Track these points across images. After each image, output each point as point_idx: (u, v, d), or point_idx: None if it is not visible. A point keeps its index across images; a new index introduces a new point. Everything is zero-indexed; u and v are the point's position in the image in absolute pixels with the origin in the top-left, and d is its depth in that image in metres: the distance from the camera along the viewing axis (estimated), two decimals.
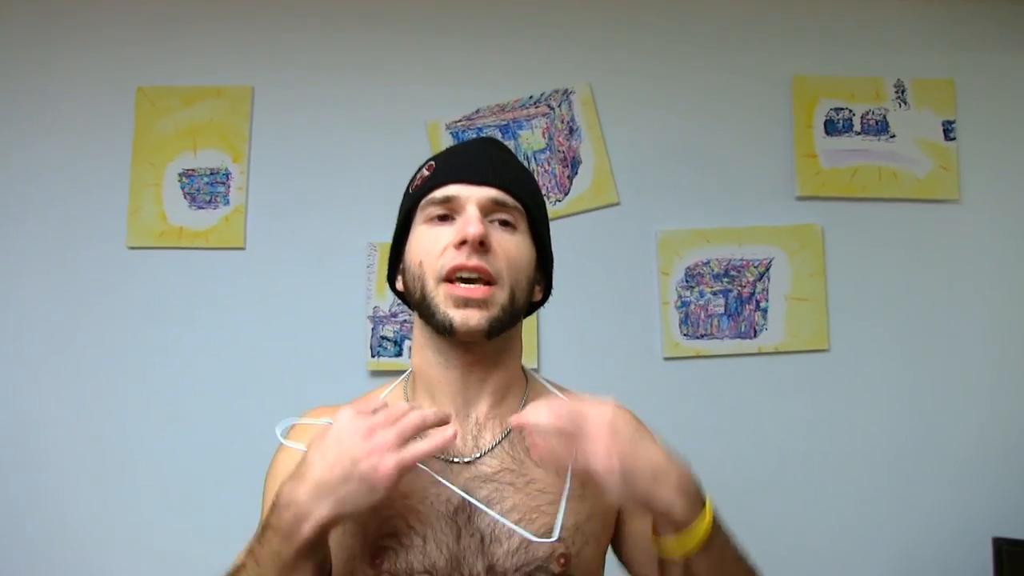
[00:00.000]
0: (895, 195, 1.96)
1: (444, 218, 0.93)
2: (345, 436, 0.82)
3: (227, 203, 1.96)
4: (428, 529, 0.88)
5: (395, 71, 1.99)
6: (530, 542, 0.88)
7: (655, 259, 1.94)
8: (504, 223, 0.94)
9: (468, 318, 0.89)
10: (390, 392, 1.01)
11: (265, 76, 2.00)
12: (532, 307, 1.02)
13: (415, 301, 0.94)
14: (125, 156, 1.97)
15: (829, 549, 1.88)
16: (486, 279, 0.91)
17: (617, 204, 1.96)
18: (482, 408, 0.95)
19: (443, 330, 0.90)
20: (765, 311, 1.93)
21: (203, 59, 2.00)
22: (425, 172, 0.98)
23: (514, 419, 0.85)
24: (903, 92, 1.98)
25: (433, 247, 0.92)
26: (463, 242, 0.90)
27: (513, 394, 0.98)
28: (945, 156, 1.97)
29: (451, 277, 0.90)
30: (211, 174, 1.97)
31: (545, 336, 1.91)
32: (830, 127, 1.97)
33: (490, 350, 0.94)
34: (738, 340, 1.92)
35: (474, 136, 1.96)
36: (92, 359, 1.91)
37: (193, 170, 1.97)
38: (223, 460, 1.86)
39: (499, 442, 0.94)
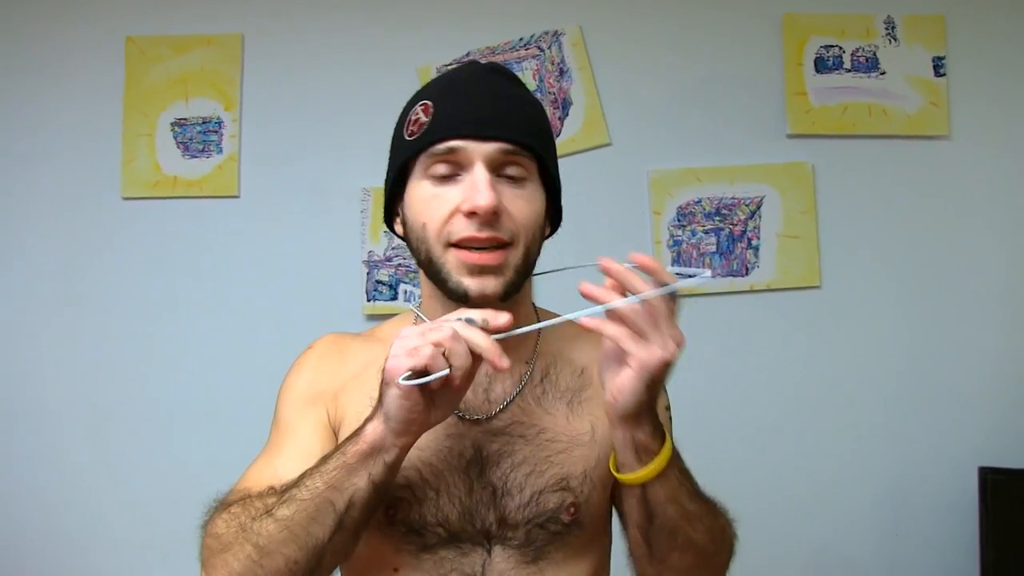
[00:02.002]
0: (885, 132, 1.96)
1: (446, 174, 0.86)
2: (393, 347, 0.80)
3: (220, 151, 1.96)
4: (441, 483, 0.89)
5: (385, 15, 1.99)
6: (541, 494, 0.89)
7: (647, 199, 1.95)
8: (514, 177, 0.87)
9: (484, 286, 0.85)
10: (398, 328, 0.93)
11: (255, 23, 1.99)
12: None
13: (420, 261, 0.90)
14: (117, 107, 1.97)
15: (819, 481, 1.92)
16: (500, 244, 0.86)
17: (608, 144, 1.96)
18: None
19: (457, 298, 0.86)
20: (757, 249, 1.94)
21: (192, 7, 1.99)
22: (422, 116, 0.88)
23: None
24: (893, 28, 1.98)
25: (438, 210, 0.86)
26: (473, 212, 0.84)
27: (528, 337, 0.95)
28: (935, 92, 1.97)
29: (461, 244, 0.85)
30: (203, 123, 1.97)
31: (537, 277, 1.92)
32: (820, 65, 1.97)
33: (501, 303, 0.90)
34: (730, 278, 1.94)
35: None
36: (91, 309, 1.93)
37: (185, 119, 1.97)
38: (221, 407, 1.89)
39: (512, 399, 0.92)
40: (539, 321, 0.88)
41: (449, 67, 1.97)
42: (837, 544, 1.91)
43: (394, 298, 1.92)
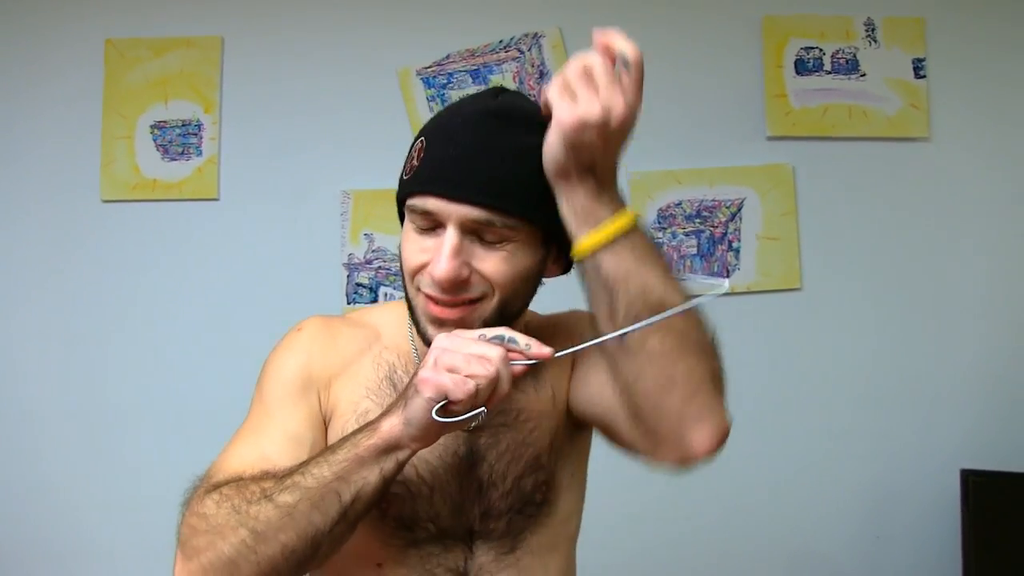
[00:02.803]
0: (865, 134, 1.97)
1: (426, 228, 0.83)
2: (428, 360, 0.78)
3: (200, 154, 1.96)
4: (437, 480, 0.89)
5: (365, 18, 1.99)
6: (520, 480, 0.90)
7: (627, 201, 1.94)
8: (491, 240, 0.82)
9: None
10: (390, 319, 0.96)
11: (235, 25, 1.99)
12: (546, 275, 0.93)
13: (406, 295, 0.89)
14: (96, 109, 1.96)
15: (800, 483, 1.92)
16: (468, 301, 0.83)
17: None
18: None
19: (426, 341, 0.85)
20: (737, 251, 1.94)
21: (172, 9, 1.99)
22: (415, 157, 0.85)
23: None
24: (873, 30, 1.98)
25: (414, 258, 0.84)
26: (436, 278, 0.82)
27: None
28: (915, 94, 1.97)
29: (427, 298, 0.84)
30: (183, 125, 1.97)
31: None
32: (800, 66, 1.97)
33: None
34: (710, 280, 1.93)
35: (444, 82, 1.96)
36: (70, 312, 1.93)
37: (165, 121, 1.96)
38: (201, 409, 1.88)
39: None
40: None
41: (429, 69, 1.97)
42: (818, 546, 1.91)
43: (374, 300, 1.91)
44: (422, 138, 0.86)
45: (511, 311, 0.86)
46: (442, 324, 0.83)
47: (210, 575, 0.78)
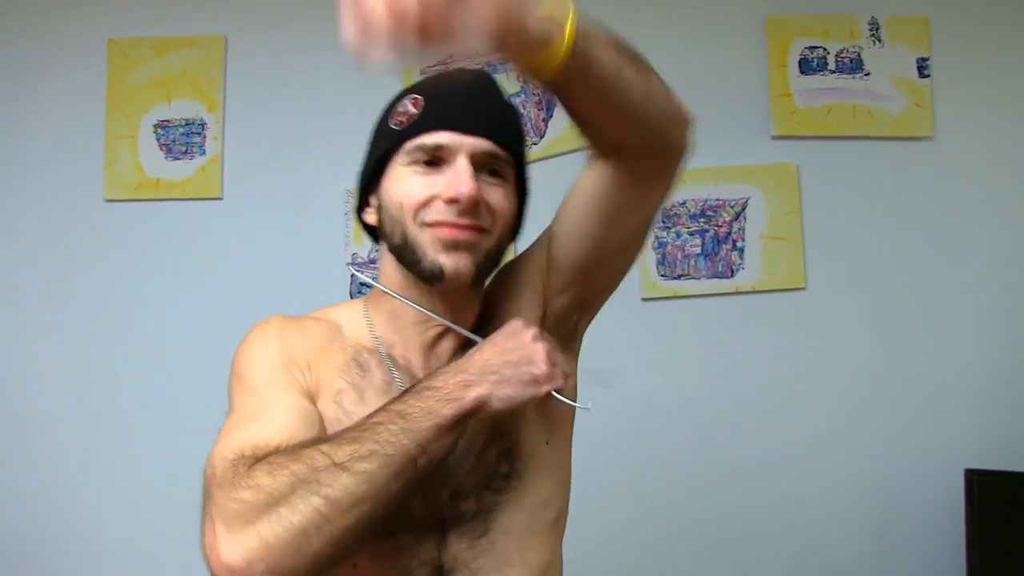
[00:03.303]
0: (870, 133, 1.96)
1: (430, 163, 0.89)
2: (528, 338, 0.84)
3: (203, 153, 1.96)
4: None
5: None
6: (483, 452, 0.90)
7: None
8: (493, 172, 0.90)
9: (458, 264, 0.87)
10: (346, 315, 0.98)
11: (238, 25, 1.99)
12: None
13: (393, 244, 0.91)
14: (99, 109, 1.96)
15: (805, 483, 1.92)
16: (477, 228, 0.88)
17: None
18: (444, 346, 0.95)
19: (430, 276, 0.88)
20: (742, 250, 1.94)
21: (174, 9, 1.99)
22: (411, 108, 0.91)
23: None
24: (877, 30, 1.98)
25: (418, 193, 0.88)
26: (453, 200, 0.86)
27: (468, 315, 0.97)
28: (919, 93, 1.97)
29: (435, 225, 0.88)
30: (186, 124, 1.96)
31: None
32: (804, 66, 1.97)
33: (464, 297, 0.94)
34: (715, 280, 1.93)
35: None
36: (73, 312, 1.92)
37: (168, 121, 1.96)
38: (205, 408, 1.86)
39: (451, 359, 0.93)
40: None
41: (432, 67, 1.97)
42: (822, 546, 1.91)
43: None
44: (416, 95, 0.92)
45: (501, 253, 0.93)
46: (456, 247, 0.87)
47: (274, 549, 0.70)
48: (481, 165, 0.89)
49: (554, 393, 0.84)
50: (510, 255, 0.99)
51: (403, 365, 0.94)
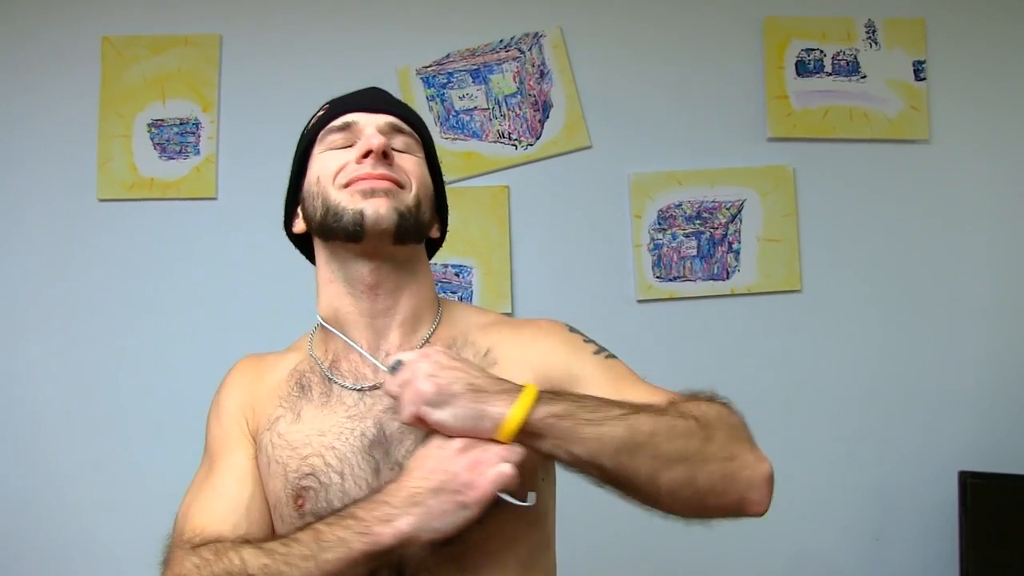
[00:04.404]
0: (866, 135, 1.96)
1: (343, 146, 0.96)
2: (447, 452, 0.80)
3: (198, 153, 1.94)
4: (345, 466, 0.89)
5: (364, 17, 1.98)
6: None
7: (627, 202, 1.94)
8: (402, 147, 0.98)
9: (378, 207, 0.90)
10: (303, 340, 1.03)
11: (233, 23, 1.97)
12: (430, 246, 1.04)
13: (317, 222, 0.94)
14: (93, 107, 1.94)
15: (799, 485, 1.90)
16: (392, 180, 0.93)
17: (589, 147, 1.95)
18: (393, 339, 0.95)
19: (354, 227, 0.90)
20: (738, 253, 1.94)
21: (169, 7, 1.97)
22: (319, 113, 1.01)
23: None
24: (874, 32, 1.98)
25: (333, 164, 0.94)
26: (366, 154, 0.92)
27: (424, 323, 0.97)
28: (916, 96, 1.97)
29: (353, 183, 0.93)
30: (181, 124, 1.95)
31: (519, 281, 1.92)
32: (801, 68, 1.97)
33: (395, 270, 0.94)
34: (711, 282, 1.93)
35: (444, 82, 1.95)
36: (66, 312, 1.91)
37: (162, 120, 1.95)
38: (199, 410, 1.86)
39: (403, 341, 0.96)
40: (440, 308, 0.99)
41: (429, 68, 1.96)
42: (816, 548, 1.91)
43: None
44: (324, 105, 1.02)
45: (422, 218, 0.95)
46: (373, 193, 0.91)
47: None
48: (389, 136, 0.96)
49: (502, 496, 0.79)
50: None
51: (349, 370, 0.95)
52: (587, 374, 0.93)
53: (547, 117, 1.95)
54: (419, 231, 0.95)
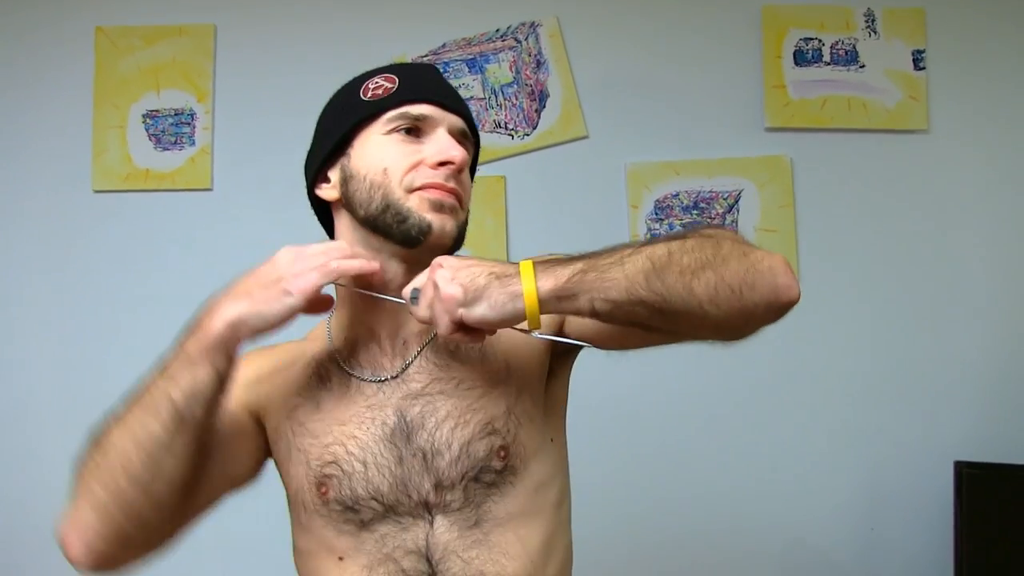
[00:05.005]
0: (864, 126, 1.95)
1: (410, 132, 0.92)
2: (277, 258, 0.87)
3: (193, 144, 1.94)
4: (367, 454, 0.89)
5: (360, 5, 1.96)
6: (469, 445, 0.88)
7: (624, 192, 1.94)
8: (468, 160, 0.96)
9: (445, 223, 0.90)
10: (318, 332, 1.01)
11: (228, 13, 1.96)
12: None
13: (370, 212, 0.91)
14: (87, 98, 1.94)
15: (794, 475, 1.92)
16: (456, 198, 0.93)
17: (586, 137, 1.95)
18: (412, 327, 0.94)
19: (417, 233, 0.89)
20: None
21: None
22: (385, 83, 0.94)
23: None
24: (873, 21, 1.97)
25: (403, 159, 0.91)
26: (443, 163, 0.90)
27: None
28: (915, 86, 1.96)
29: (424, 188, 0.90)
30: (176, 114, 1.94)
31: None
32: (799, 57, 1.96)
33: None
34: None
35: (441, 71, 1.94)
36: (62, 304, 1.91)
37: (157, 111, 1.94)
38: None
39: (421, 350, 0.94)
40: None
41: (425, 58, 1.95)
42: (812, 538, 1.92)
43: None
44: (388, 73, 0.96)
45: (464, 234, 0.95)
46: (443, 208, 0.90)
47: (74, 507, 0.84)
48: (460, 143, 0.94)
49: (537, 334, 0.83)
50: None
51: (367, 359, 0.95)
52: None
53: (544, 107, 1.94)
54: (461, 244, 0.96)
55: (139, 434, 0.82)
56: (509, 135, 1.94)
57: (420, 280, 0.83)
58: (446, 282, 0.79)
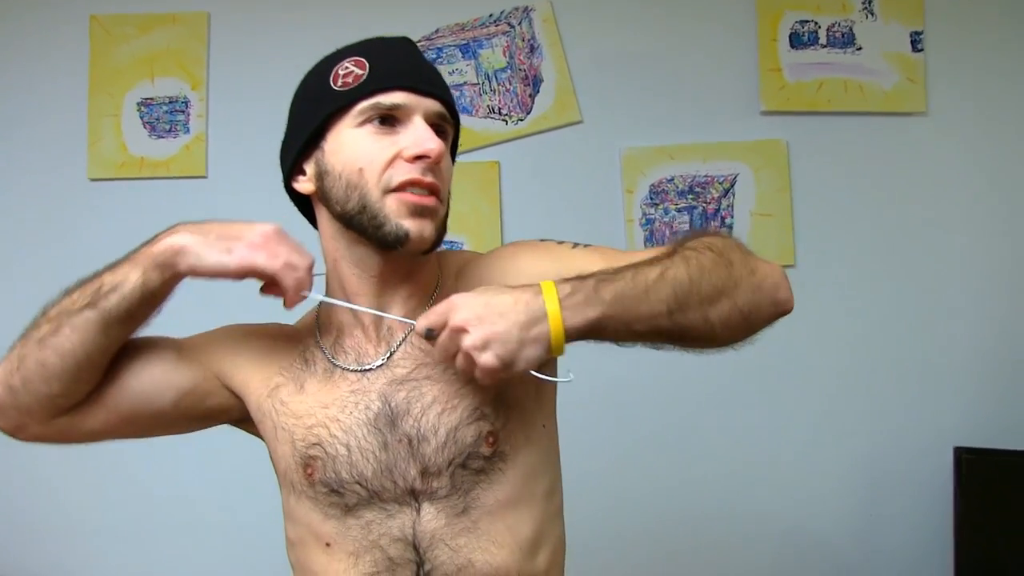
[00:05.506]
0: (861, 108, 1.94)
1: (384, 122, 0.88)
2: (260, 226, 0.87)
3: (187, 131, 1.94)
4: (351, 438, 0.88)
5: None
6: (456, 431, 0.87)
7: (619, 177, 1.93)
8: (439, 136, 0.90)
9: (423, 228, 0.87)
10: (307, 316, 1.01)
11: (221, 1, 1.96)
12: None
13: (345, 210, 0.88)
14: (82, 86, 1.94)
15: (794, 462, 1.91)
16: (436, 192, 0.88)
17: (580, 122, 1.94)
18: (396, 312, 0.93)
19: (394, 241, 0.86)
20: (730, 227, 1.92)
21: None
22: (355, 69, 0.89)
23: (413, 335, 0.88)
24: (870, 3, 1.95)
25: (378, 156, 0.87)
26: (419, 157, 0.86)
27: (425, 292, 0.95)
28: (912, 68, 1.94)
29: (402, 189, 0.86)
30: (170, 102, 1.95)
31: None
32: (795, 40, 1.94)
33: (407, 263, 0.92)
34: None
35: (434, 57, 1.93)
36: (56, 290, 1.91)
37: (152, 99, 1.94)
38: None
39: (406, 336, 0.92)
40: (439, 275, 0.96)
41: (418, 43, 1.94)
42: (811, 524, 1.90)
43: None
44: (357, 57, 0.91)
45: (446, 223, 0.92)
46: (422, 214, 0.87)
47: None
48: (432, 127, 0.89)
49: (532, 372, 0.81)
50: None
51: (352, 346, 0.94)
52: (583, 266, 0.90)
53: (537, 92, 1.93)
54: (443, 237, 0.93)
55: (65, 304, 0.87)
56: (503, 120, 1.93)
57: (435, 318, 0.81)
58: (477, 350, 0.78)
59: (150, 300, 0.87)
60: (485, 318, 0.78)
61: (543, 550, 0.92)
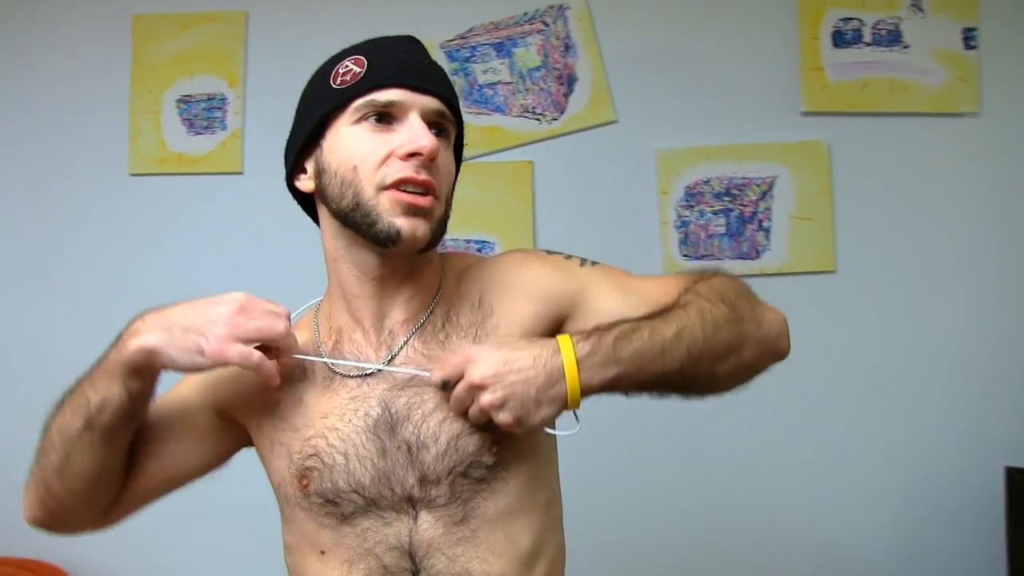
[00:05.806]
0: (908, 109, 1.87)
1: (379, 120, 0.87)
2: (223, 301, 0.84)
3: (224, 128, 1.97)
4: (348, 446, 0.87)
5: None
6: (458, 439, 0.85)
7: (654, 178, 1.89)
8: (439, 134, 0.89)
9: (416, 228, 0.85)
10: (306, 322, 0.99)
11: (259, 0, 1.98)
12: None
13: (340, 208, 0.87)
14: (124, 83, 1.98)
15: (835, 479, 1.84)
16: (431, 191, 0.87)
17: (615, 122, 1.91)
18: (396, 316, 0.92)
19: (385, 239, 0.85)
20: (768, 231, 1.87)
21: None
22: (353, 67, 0.90)
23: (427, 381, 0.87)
24: None
25: (372, 154, 0.86)
26: (412, 154, 0.85)
27: (427, 294, 0.94)
28: (964, 66, 1.87)
29: (395, 187, 0.85)
30: (208, 99, 1.97)
31: None
32: (838, 39, 1.88)
33: (406, 263, 0.91)
34: (739, 261, 1.86)
35: (468, 55, 1.93)
36: (98, 283, 1.95)
37: (190, 96, 1.98)
38: None
39: (408, 340, 0.91)
40: (442, 276, 0.95)
41: (452, 42, 1.94)
42: (854, 543, 1.83)
43: None
44: (356, 55, 0.91)
45: (446, 220, 0.91)
46: (415, 213, 0.86)
47: (29, 473, 0.91)
48: (430, 124, 0.88)
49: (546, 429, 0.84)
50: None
51: (351, 351, 0.92)
52: (589, 286, 0.93)
53: (572, 91, 1.91)
54: (441, 237, 0.91)
55: (63, 425, 0.87)
56: (537, 119, 1.91)
57: (451, 371, 0.83)
58: (496, 409, 0.81)
59: (139, 401, 0.87)
60: (503, 376, 0.80)
61: (542, 560, 0.90)
